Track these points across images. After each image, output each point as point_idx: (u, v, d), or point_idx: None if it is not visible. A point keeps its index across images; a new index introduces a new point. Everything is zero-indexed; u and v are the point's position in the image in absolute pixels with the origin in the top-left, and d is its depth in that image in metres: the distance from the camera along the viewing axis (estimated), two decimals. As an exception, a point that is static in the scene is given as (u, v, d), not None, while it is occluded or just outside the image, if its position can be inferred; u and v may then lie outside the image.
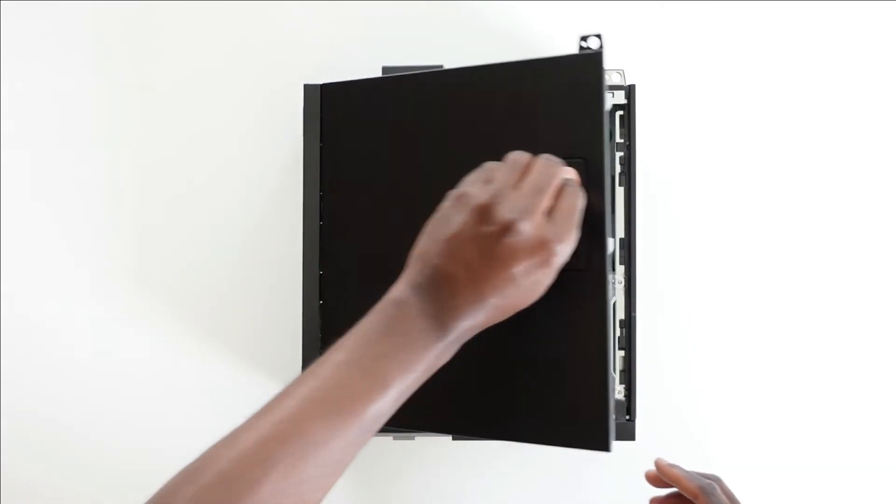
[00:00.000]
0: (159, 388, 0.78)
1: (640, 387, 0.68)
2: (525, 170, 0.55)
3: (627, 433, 0.67)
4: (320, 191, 0.68)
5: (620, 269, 0.68)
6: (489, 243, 0.52)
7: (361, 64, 0.72)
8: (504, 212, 0.52)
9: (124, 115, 0.78)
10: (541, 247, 0.52)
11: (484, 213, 0.52)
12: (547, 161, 0.56)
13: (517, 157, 0.56)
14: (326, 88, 0.68)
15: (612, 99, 0.67)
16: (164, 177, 0.78)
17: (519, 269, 0.51)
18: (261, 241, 0.78)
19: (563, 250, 0.53)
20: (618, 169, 0.68)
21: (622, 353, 0.68)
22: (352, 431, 0.47)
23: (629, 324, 0.67)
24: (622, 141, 0.68)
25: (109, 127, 0.79)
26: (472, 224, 0.52)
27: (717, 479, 0.65)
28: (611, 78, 0.69)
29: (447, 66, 0.69)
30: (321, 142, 0.68)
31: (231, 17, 0.78)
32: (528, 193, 0.53)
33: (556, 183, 0.54)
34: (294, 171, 0.74)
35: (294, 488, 0.45)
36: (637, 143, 0.67)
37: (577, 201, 0.55)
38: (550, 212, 0.54)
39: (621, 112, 0.68)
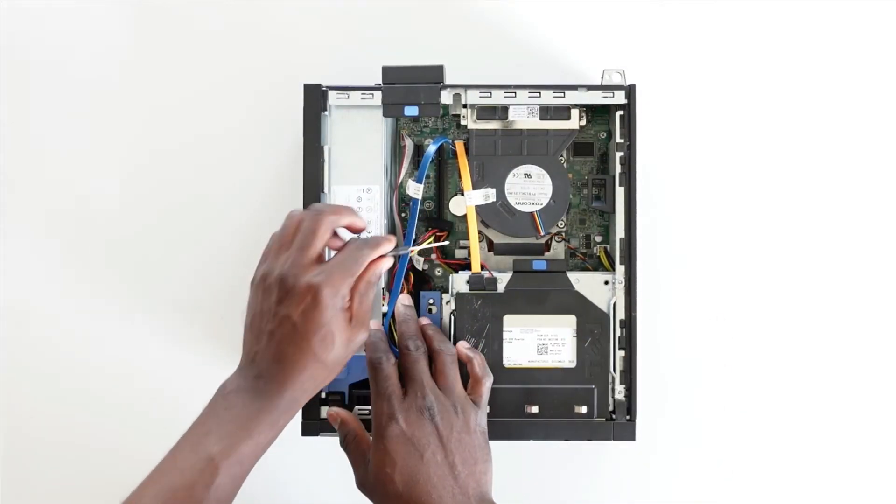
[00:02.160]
0: (159, 389, 0.78)
1: (640, 387, 0.68)
2: (295, 229, 0.60)
3: (627, 433, 0.67)
4: (320, 191, 0.68)
5: (621, 269, 0.68)
6: (271, 306, 0.57)
7: (361, 64, 0.72)
8: (274, 273, 0.58)
9: (124, 114, 0.78)
10: (307, 290, 0.56)
11: (263, 281, 0.59)
12: (313, 213, 0.60)
13: (290, 216, 0.61)
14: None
15: (613, 99, 0.67)
16: (164, 177, 0.78)
17: (296, 315, 0.56)
18: (261, 242, 0.78)
19: (334, 292, 0.57)
20: (618, 169, 0.68)
21: (622, 353, 0.68)
22: None
23: (629, 324, 0.67)
24: (622, 141, 0.68)
25: (109, 126, 0.79)
26: (259, 299, 0.59)
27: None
28: (611, 78, 0.69)
29: (447, 66, 0.69)
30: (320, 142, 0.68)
31: (231, 17, 0.78)
32: (294, 249, 0.58)
33: (321, 232, 0.59)
34: (294, 171, 0.74)
35: None
36: (637, 143, 0.67)
37: (357, 253, 0.59)
38: (320, 259, 0.59)
39: (621, 112, 0.68)
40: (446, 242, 0.71)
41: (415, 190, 0.68)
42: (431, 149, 0.68)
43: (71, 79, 0.78)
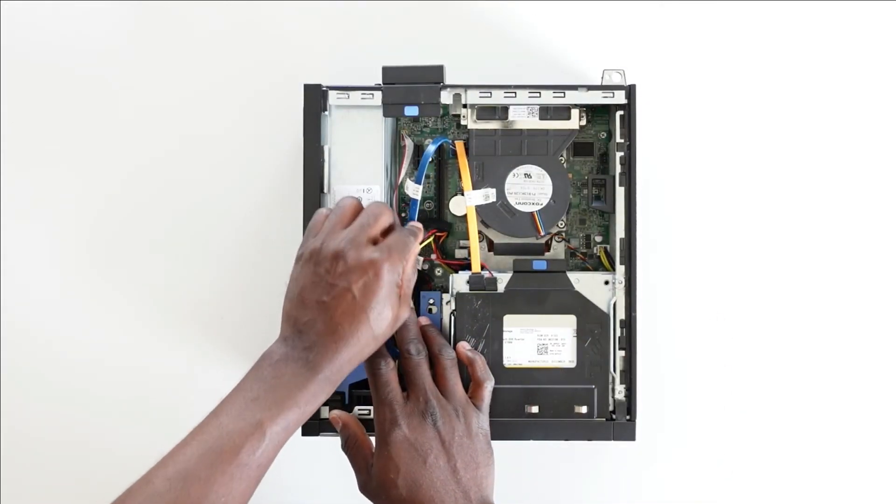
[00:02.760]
0: (159, 389, 0.78)
1: (640, 387, 0.68)
2: (353, 213, 0.63)
3: (627, 433, 0.67)
4: (320, 191, 0.68)
5: (621, 269, 0.68)
6: (327, 277, 0.59)
7: (361, 64, 0.72)
8: (331, 246, 0.60)
9: (124, 114, 0.78)
10: (370, 265, 0.59)
11: (316, 255, 0.60)
12: (374, 203, 0.63)
13: (344, 202, 0.64)
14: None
15: (613, 99, 0.67)
16: (164, 177, 0.78)
17: (357, 287, 0.58)
18: (261, 242, 0.78)
19: (393, 269, 0.59)
20: (618, 169, 0.68)
21: (622, 353, 0.68)
22: (230, 469, 0.54)
23: (629, 324, 0.67)
24: (622, 141, 0.68)
25: (108, 126, 0.78)
26: (311, 270, 0.60)
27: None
28: (611, 78, 0.69)
29: (447, 66, 0.69)
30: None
31: (231, 17, 0.78)
32: (354, 228, 0.61)
33: (383, 220, 0.62)
34: (294, 171, 0.74)
35: None
36: (637, 143, 0.67)
37: (407, 238, 0.62)
38: (376, 243, 0.61)
39: (621, 112, 0.68)
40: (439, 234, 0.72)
41: (413, 190, 0.68)
42: (430, 149, 0.68)
43: (71, 79, 0.78)
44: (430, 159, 0.69)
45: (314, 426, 0.67)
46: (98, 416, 0.78)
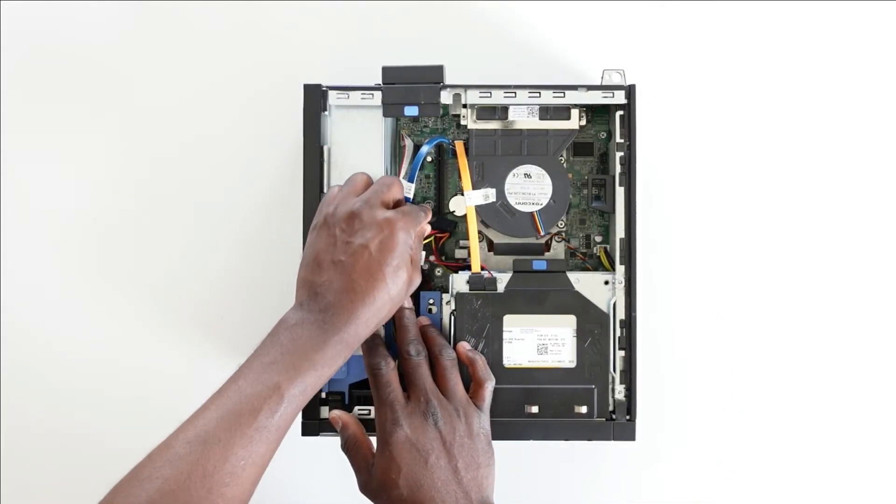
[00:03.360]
0: (159, 388, 0.78)
1: (640, 387, 0.68)
2: (364, 185, 0.64)
3: (627, 433, 0.67)
4: (320, 191, 0.68)
5: (621, 269, 0.68)
6: (343, 237, 0.60)
7: (361, 64, 0.72)
8: (345, 208, 0.61)
9: (123, 114, 0.78)
10: (385, 222, 0.60)
11: (330, 218, 0.61)
12: (385, 176, 0.65)
13: (356, 176, 0.65)
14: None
15: (613, 99, 0.67)
16: (163, 177, 0.78)
17: (374, 244, 0.59)
18: (260, 242, 0.78)
19: (406, 229, 0.60)
20: (618, 169, 0.68)
21: (622, 353, 0.68)
22: (248, 432, 0.54)
23: (629, 324, 0.67)
24: (622, 141, 0.68)
25: (108, 126, 0.79)
26: (326, 233, 0.61)
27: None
28: (611, 78, 0.69)
29: (447, 66, 0.69)
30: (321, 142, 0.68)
31: (231, 17, 0.78)
32: (370, 192, 0.62)
33: (394, 191, 0.63)
34: (294, 171, 0.74)
35: (200, 480, 0.52)
36: (637, 143, 0.67)
37: (417, 211, 0.63)
38: (388, 207, 0.62)
39: (621, 112, 0.68)
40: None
41: (406, 189, 0.68)
42: (424, 149, 0.68)
43: (71, 79, 0.78)
44: (428, 159, 0.69)
45: (314, 426, 0.67)
46: (98, 416, 0.78)
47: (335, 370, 0.59)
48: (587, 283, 0.68)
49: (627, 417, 0.68)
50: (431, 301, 0.69)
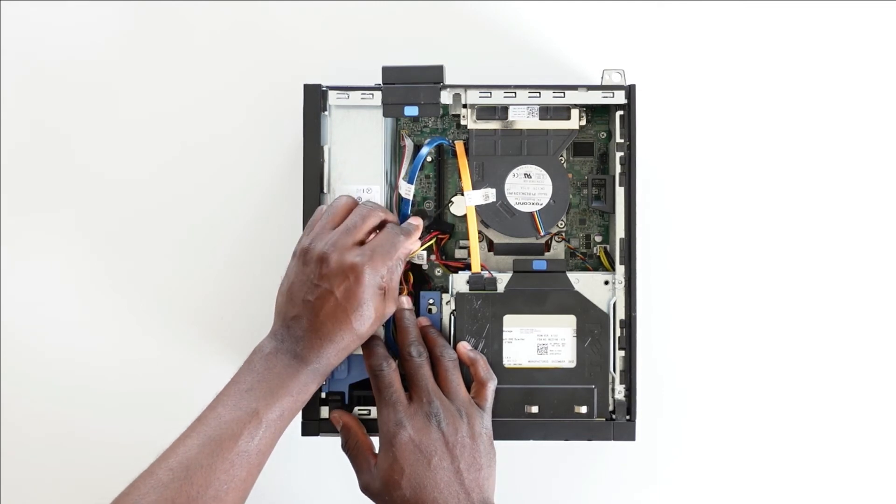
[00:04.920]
0: (159, 388, 0.78)
1: (640, 387, 0.68)
2: (345, 213, 0.64)
3: (627, 433, 0.67)
4: (320, 191, 0.68)
5: (620, 269, 0.68)
6: (312, 278, 0.61)
7: (361, 64, 0.72)
8: (318, 248, 0.62)
9: (123, 115, 0.78)
10: (350, 269, 0.60)
11: (304, 255, 0.63)
12: (364, 205, 0.65)
13: (339, 202, 0.65)
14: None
15: (613, 99, 0.67)
16: (164, 177, 0.78)
17: (339, 291, 0.60)
18: (261, 242, 0.78)
19: (374, 272, 0.61)
20: (618, 169, 0.68)
21: (622, 353, 0.68)
22: (230, 457, 0.57)
23: (629, 324, 0.67)
24: (622, 141, 0.68)
25: (108, 127, 0.79)
26: (300, 269, 0.62)
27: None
28: (611, 78, 0.69)
29: (447, 66, 0.69)
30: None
31: (231, 17, 0.78)
32: (341, 231, 0.63)
33: (370, 222, 0.64)
34: (294, 170, 0.74)
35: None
36: (637, 143, 0.67)
37: (394, 238, 0.63)
38: (364, 243, 0.63)
39: (621, 112, 0.68)
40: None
41: (406, 190, 0.68)
42: (424, 150, 0.68)
43: (71, 79, 0.78)
44: (428, 159, 0.69)
45: (314, 426, 0.67)
46: (98, 416, 0.78)
47: (310, 395, 0.62)
48: (587, 283, 0.68)
49: (627, 417, 0.68)
50: (431, 301, 0.69)
